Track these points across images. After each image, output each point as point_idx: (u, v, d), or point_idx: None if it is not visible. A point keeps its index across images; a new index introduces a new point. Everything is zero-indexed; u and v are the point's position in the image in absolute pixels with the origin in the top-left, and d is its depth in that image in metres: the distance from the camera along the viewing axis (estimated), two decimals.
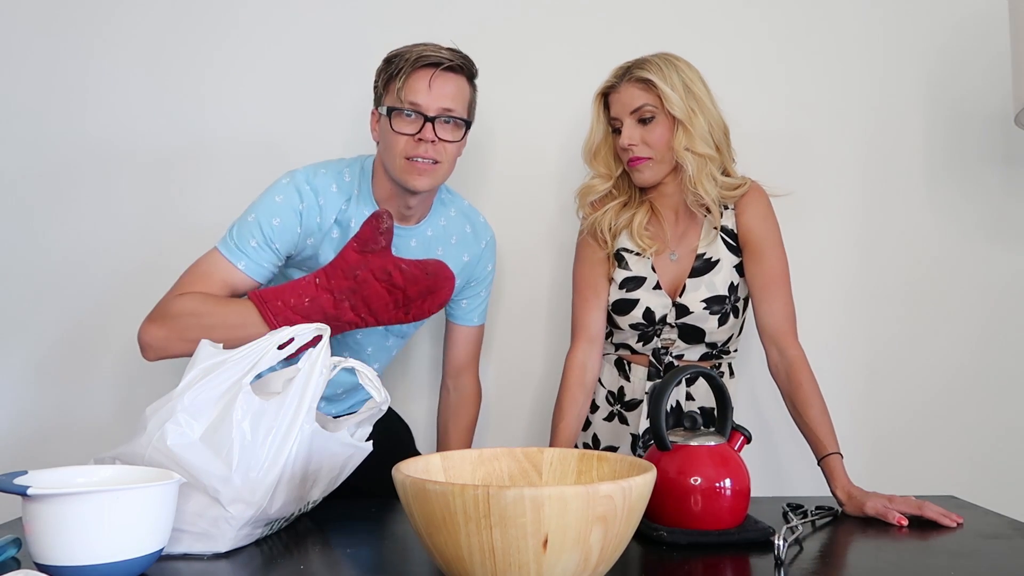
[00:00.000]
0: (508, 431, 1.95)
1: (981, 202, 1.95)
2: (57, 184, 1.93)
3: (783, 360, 1.50)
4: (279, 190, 1.49)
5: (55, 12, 1.94)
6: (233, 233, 1.48)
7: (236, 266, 1.46)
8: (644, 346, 1.59)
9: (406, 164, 1.47)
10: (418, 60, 1.46)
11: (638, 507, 0.90)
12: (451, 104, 1.47)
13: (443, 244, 1.62)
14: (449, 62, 1.47)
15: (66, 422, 1.92)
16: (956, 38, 1.95)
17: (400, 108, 1.46)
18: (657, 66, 1.52)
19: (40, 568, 0.94)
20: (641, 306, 1.56)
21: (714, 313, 1.53)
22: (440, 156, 1.48)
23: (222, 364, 1.13)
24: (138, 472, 1.05)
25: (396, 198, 1.54)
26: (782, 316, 1.52)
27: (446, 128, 1.48)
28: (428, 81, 1.45)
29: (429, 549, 0.90)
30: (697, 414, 1.57)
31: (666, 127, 1.52)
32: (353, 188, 1.54)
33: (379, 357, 1.68)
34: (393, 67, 1.48)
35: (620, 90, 1.54)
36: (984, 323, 1.94)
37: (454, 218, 1.64)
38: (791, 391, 1.48)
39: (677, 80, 1.51)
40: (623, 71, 1.55)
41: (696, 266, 1.56)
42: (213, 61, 1.95)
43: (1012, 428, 1.93)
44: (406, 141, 1.46)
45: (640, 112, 1.52)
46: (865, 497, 1.33)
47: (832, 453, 1.41)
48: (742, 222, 1.56)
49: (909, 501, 1.31)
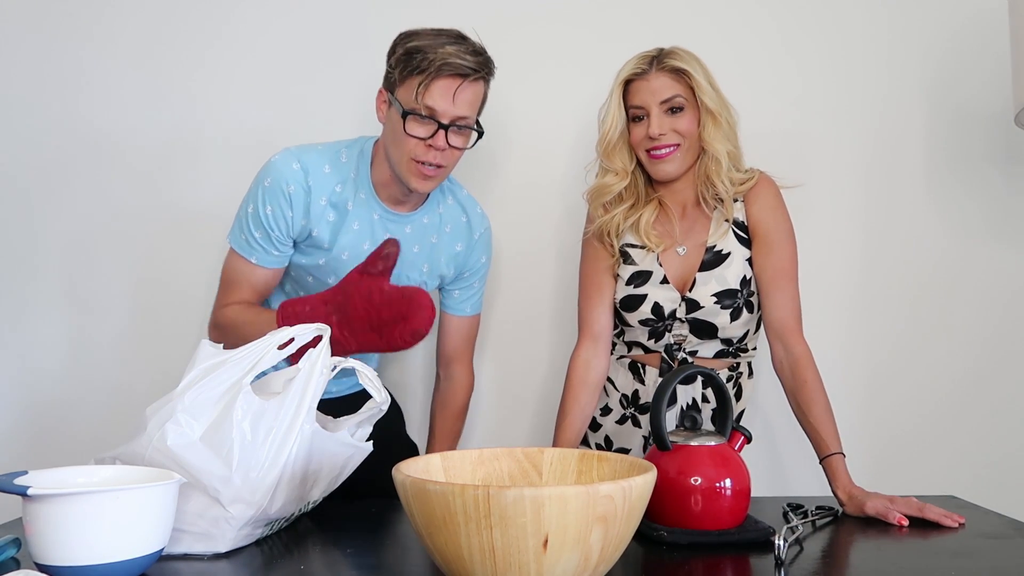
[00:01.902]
0: (511, 432, 1.95)
1: (983, 202, 1.95)
2: (48, 178, 1.93)
3: (788, 356, 1.48)
4: (267, 172, 1.50)
5: (48, 5, 1.93)
6: (241, 225, 1.51)
7: (250, 261, 1.50)
8: (656, 343, 1.57)
9: (413, 167, 1.47)
10: (444, 67, 1.42)
11: (638, 507, 0.90)
12: (468, 112, 1.46)
13: (438, 232, 1.62)
14: (475, 72, 1.44)
15: (66, 422, 1.92)
16: (957, 39, 1.95)
17: (416, 111, 1.44)
18: (687, 57, 1.51)
19: (40, 568, 0.94)
20: (649, 301, 1.54)
21: (725, 308, 1.51)
22: (447, 161, 1.48)
23: (222, 364, 1.13)
24: (138, 472, 1.05)
25: (393, 186, 1.54)
26: (788, 311, 1.50)
27: (458, 136, 1.47)
28: (452, 92, 1.43)
29: (429, 549, 0.90)
30: (697, 414, 1.56)
31: (692, 119, 1.51)
32: (350, 171, 1.53)
33: None
34: (415, 65, 1.42)
35: (650, 78, 1.51)
36: (986, 323, 1.94)
37: (451, 207, 1.64)
38: (795, 388, 1.46)
39: (705, 72, 1.51)
40: (650, 59, 1.52)
41: (706, 259, 1.53)
42: (206, 53, 1.94)
43: (1013, 428, 1.93)
44: (416, 144, 1.45)
45: (671, 102, 1.50)
46: (866, 497, 1.33)
47: (834, 453, 1.40)
48: (752, 213, 1.54)
49: (910, 502, 1.30)
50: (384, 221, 1.56)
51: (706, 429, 1.25)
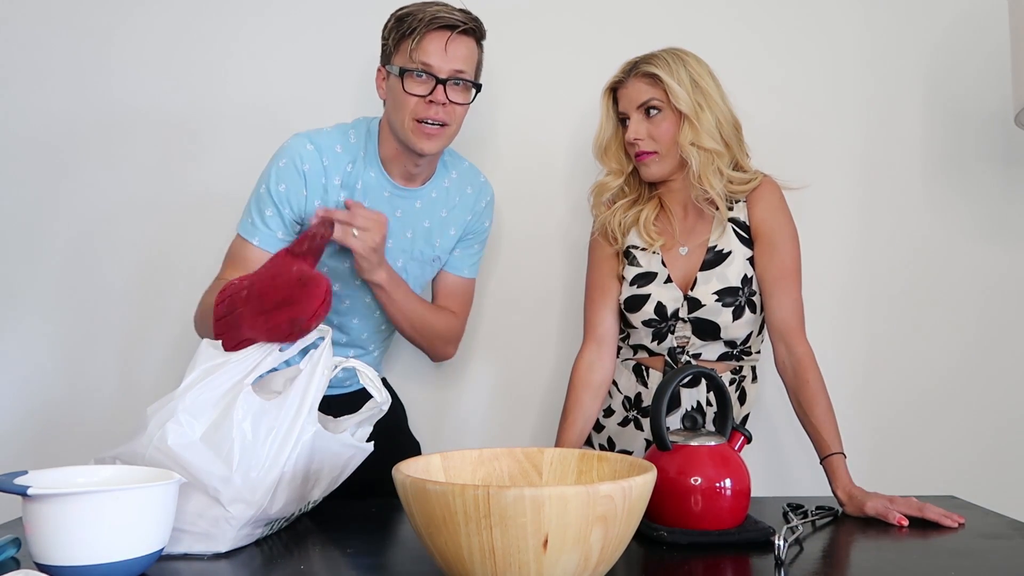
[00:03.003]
0: (513, 432, 1.95)
1: (980, 202, 1.95)
2: (47, 176, 1.92)
3: (791, 357, 1.49)
4: (283, 153, 1.51)
5: (47, 4, 1.93)
6: (250, 208, 1.52)
7: (251, 242, 1.50)
8: (659, 345, 1.57)
9: (415, 126, 1.48)
10: (433, 21, 1.46)
11: (638, 507, 0.90)
12: (463, 66, 1.48)
13: (446, 206, 1.64)
14: (464, 25, 1.47)
15: (66, 422, 1.92)
16: (955, 38, 1.95)
17: (412, 69, 1.46)
18: (664, 61, 1.53)
19: (40, 568, 0.94)
20: (652, 301, 1.55)
21: (727, 305, 1.52)
22: (449, 119, 1.49)
23: (223, 364, 1.13)
24: (138, 472, 1.05)
25: (403, 158, 1.55)
26: (791, 311, 1.51)
27: (456, 90, 1.49)
28: (443, 43, 1.46)
29: (429, 549, 0.91)
30: (697, 414, 1.56)
31: (672, 122, 1.53)
32: (359, 150, 1.55)
33: (367, 328, 1.66)
34: (406, 26, 1.47)
35: (627, 85, 1.56)
36: (983, 323, 1.94)
37: (456, 180, 1.66)
38: (797, 388, 1.47)
39: (684, 75, 1.52)
40: (630, 66, 1.56)
41: (707, 259, 1.55)
42: (218, 29, 1.93)
43: (1012, 428, 1.93)
44: (416, 102, 1.47)
45: (646, 105, 1.53)
46: (866, 497, 1.33)
47: (835, 453, 1.41)
48: (754, 214, 1.56)
49: (911, 502, 1.30)
50: (394, 198, 1.57)
51: (706, 429, 1.25)
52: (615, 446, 1.64)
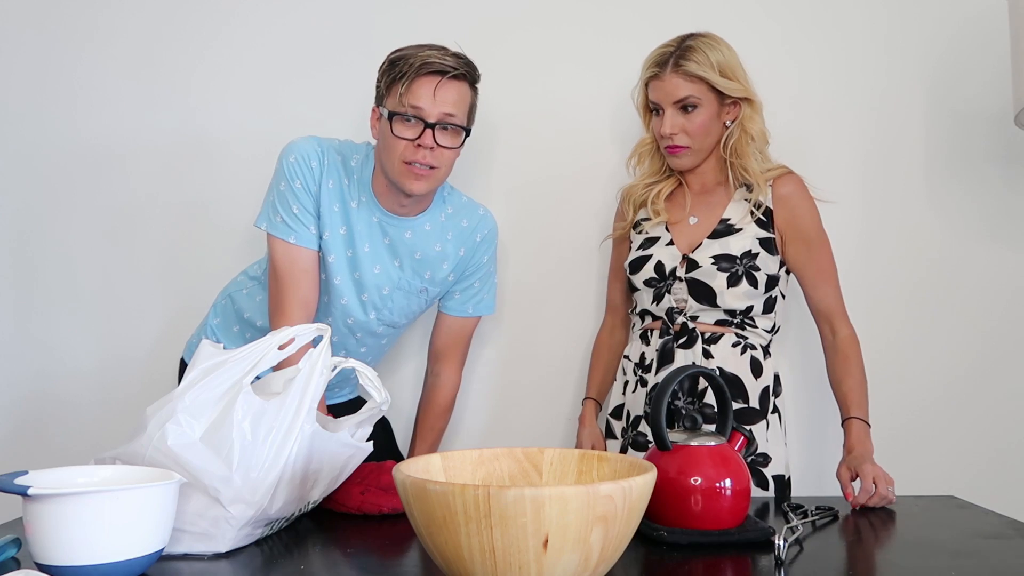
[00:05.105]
0: (513, 432, 1.95)
1: (982, 202, 1.95)
2: (47, 183, 1.93)
3: (836, 337, 1.58)
4: (290, 150, 1.53)
5: (47, 10, 1.93)
6: (275, 207, 1.52)
7: (290, 242, 1.51)
8: (658, 306, 1.61)
9: (404, 168, 1.48)
10: (423, 67, 1.46)
11: (638, 507, 0.90)
12: (452, 110, 1.48)
13: (440, 240, 1.63)
14: (454, 70, 1.47)
15: (66, 422, 1.92)
16: (957, 39, 1.95)
17: (402, 113, 1.47)
18: (703, 54, 1.54)
19: (40, 568, 0.94)
20: (653, 260, 1.60)
21: (722, 270, 1.54)
22: (438, 162, 1.49)
23: (223, 364, 1.13)
24: (138, 472, 1.05)
25: (392, 194, 1.56)
26: (833, 299, 1.60)
27: (445, 134, 1.49)
28: (433, 88, 1.46)
29: (429, 549, 0.90)
30: (697, 414, 1.56)
31: (709, 114, 1.56)
32: (356, 173, 1.56)
33: (372, 356, 1.70)
34: (397, 70, 1.48)
35: (663, 78, 1.56)
36: (985, 323, 1.94)
37: (451, 215, 1.65)
38: (835, 361, 1.57)
39: (725, 64, 1.55)
40: (665, 58, 1.56)
41: (717, 229, 1.59)
42: (207, 56, 1.95)
43: (1013, 428, 1.93)
44: (405, 146, 1.47)
45: (684, 101, 1.55)
46: (856, 464, 1.41)
47: (853, 417, 1.48)
48: (780, 205, 1.59)
49: (886, 498, 1.37)
50: (383, 224, 1.57)
51: (706, 429, 1.25)
52: (630, 415, 1.65)
